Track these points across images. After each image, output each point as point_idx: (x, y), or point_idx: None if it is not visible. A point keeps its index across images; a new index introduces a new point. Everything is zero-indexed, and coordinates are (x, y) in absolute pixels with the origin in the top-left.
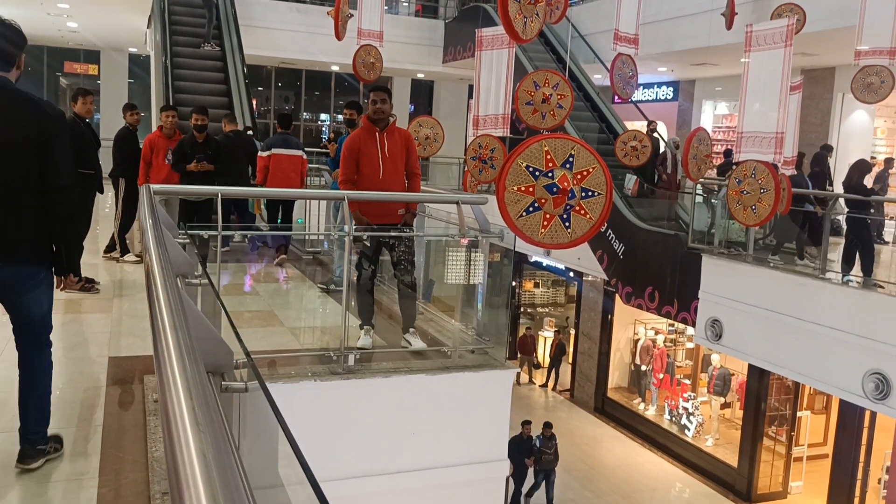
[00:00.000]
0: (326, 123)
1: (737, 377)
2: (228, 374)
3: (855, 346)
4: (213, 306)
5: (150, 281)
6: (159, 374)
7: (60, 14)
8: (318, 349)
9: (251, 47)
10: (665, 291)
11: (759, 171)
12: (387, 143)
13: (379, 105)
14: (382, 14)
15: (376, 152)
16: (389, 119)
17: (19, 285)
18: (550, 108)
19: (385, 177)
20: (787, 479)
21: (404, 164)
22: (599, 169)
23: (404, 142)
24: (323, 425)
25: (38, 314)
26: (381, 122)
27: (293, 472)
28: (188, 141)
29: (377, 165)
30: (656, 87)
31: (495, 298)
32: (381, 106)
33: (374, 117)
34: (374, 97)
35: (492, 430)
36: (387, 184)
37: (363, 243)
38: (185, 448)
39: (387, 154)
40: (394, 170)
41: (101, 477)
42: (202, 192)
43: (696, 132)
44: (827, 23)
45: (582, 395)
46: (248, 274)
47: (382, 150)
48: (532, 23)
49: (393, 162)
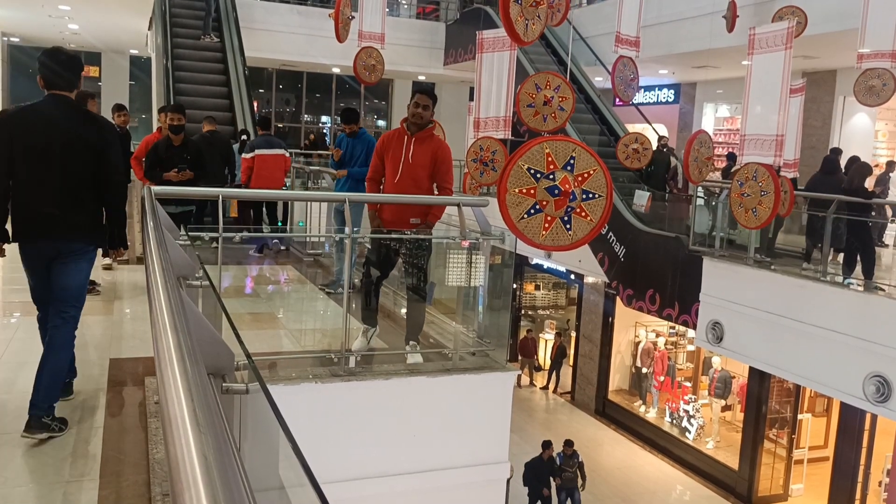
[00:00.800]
0: (327, 126)
1: (738, 380)
2: (229, 375)
3: (856, 348)
4: (214, 308)
5: (151, 282)
6: (160, 376)
7: (62, 16)
8: (319, 351)
9: (252, 49)
10: (666, 294)
11: (760, 174)
12: (412, 149)
13: (419, 110)
14: (384, 16)
15: (400, 156)
16: (428, 125)
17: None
18: (552, 111)
19: (400, 182)
20: (787, 482)
21: (429, 174)
22: (600, 171)
23: (433, 152)
24: (324, 427)
25: (75, 283)
26: (414, 127)
27: (294, 474)
28: (163, 144)
29: (396, 170)
30: (657, 90)
31: (496, 301)
32: (420, 111)
33: (410, 120)
34: (416, 100)
35: (493, 433)
36: (401, 190)
37: (366, 247)
38: (185, 449)
39: (410, 160)
40: (412, 177)
41: (102, 478)
42: (202, 194)
43: (698, 135)
44: (828, 26)
45: (583, 397)
46: (248, 276)
47: (407, 154)
48: (534, 25)
49: (414, 169)
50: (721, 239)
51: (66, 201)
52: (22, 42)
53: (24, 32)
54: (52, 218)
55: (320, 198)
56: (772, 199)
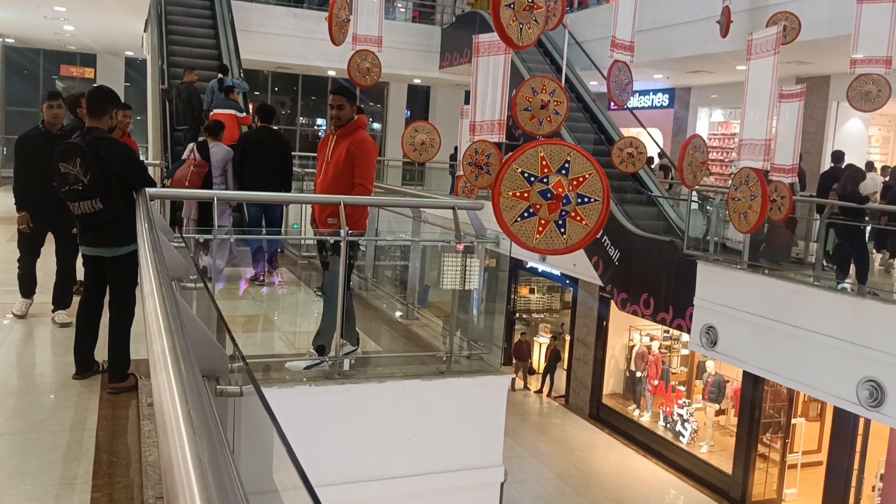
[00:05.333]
0: (323, 128)
1: (731, 384)
2: (223, 377)
3: (849, 353)
4: (208, 310)
5: (145, 284)
6: (154, 377)
7: (57, 17)
8: (312, 354)
9: (248, 52)
10: (660, 298)
11: (752, 179)
12: (333, 147)
13: (333, 111)
14: (381, 19)
15: (324, 156)
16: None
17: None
18: (548, 115)
19: (322, 181)
20: (781, 487)
21: (347, 170)
22: (596, 175)
23: (348, 147)
24: (317, 430)
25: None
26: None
27: (287, 477)
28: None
29: (321, 169)
30: (652, 94)
31: (491, 304)
32: (335, 112)
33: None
34: (329, 101)
35: (487, 436)
36: (322, 189)
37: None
38: (180, 451)
39: (329, 158)
40: (331, 176)
41: (95, 481)
42: (200, 196)
43: (692, 139)
44: (822, 31)
45: (577, 401)
46: (242, 278)
47: (329, 153)
48: (529, 29)
49: (333, 167)
50: (715, 243)
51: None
52: (17, 43)
53: (20, 33)
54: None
55: (315, 200)
56: (759, 203)
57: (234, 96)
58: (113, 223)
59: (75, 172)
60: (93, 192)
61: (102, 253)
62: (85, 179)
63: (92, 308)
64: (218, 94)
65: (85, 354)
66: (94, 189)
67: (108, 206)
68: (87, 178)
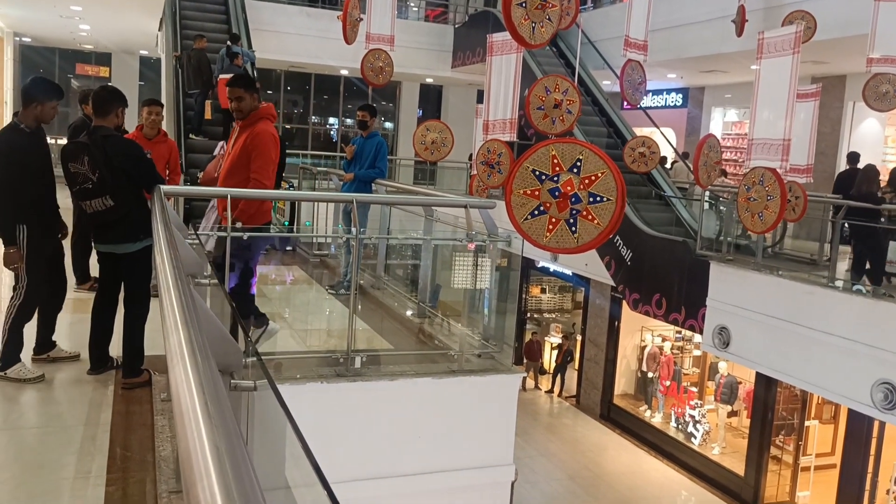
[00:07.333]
0: (335, 127)
1: (744, 385)
2: (238, 372)
3: (864, 355)
4: (222, 306)
5: (162, 280)
6: (171, 370)
7: (73, 16)
8: (325, 351)
9: (261, 51)
10: (672, 298)
11: (767, 179)
12: (234, 139)
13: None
14: (394, 18)
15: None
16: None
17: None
18: (561, 114)
19: (222, 174)
20: (794, 489)
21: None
22: (610, 174)
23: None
24: (329, 427)
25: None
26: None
27: (300, 473)
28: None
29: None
30: (665, 94)
31: (502, 303)
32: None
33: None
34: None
35: (498, 435)
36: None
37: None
38: (198, 441)
39: (230, 151)
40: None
41: (109, 475)
42: (212, 193)
43: (707, 139)
44: (838, 31)
45: (588, 401)
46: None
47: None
48: (542, 28)
49: (230, 160)
50: (728, 243)
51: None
52: (33, 42)
53: (36, 33)
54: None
55: (327, 198)
56: (777, 203)
57: (237, 62)
58: (125, 219)
59: (84, 171)
60: (102, 189)
61: (116, 249)
62: (94, 177)
63: (106, 304)
64: (225, 59)
65: (99, 350)
66: (103, 186)
67: (118, 202)
68: (96, 175)
